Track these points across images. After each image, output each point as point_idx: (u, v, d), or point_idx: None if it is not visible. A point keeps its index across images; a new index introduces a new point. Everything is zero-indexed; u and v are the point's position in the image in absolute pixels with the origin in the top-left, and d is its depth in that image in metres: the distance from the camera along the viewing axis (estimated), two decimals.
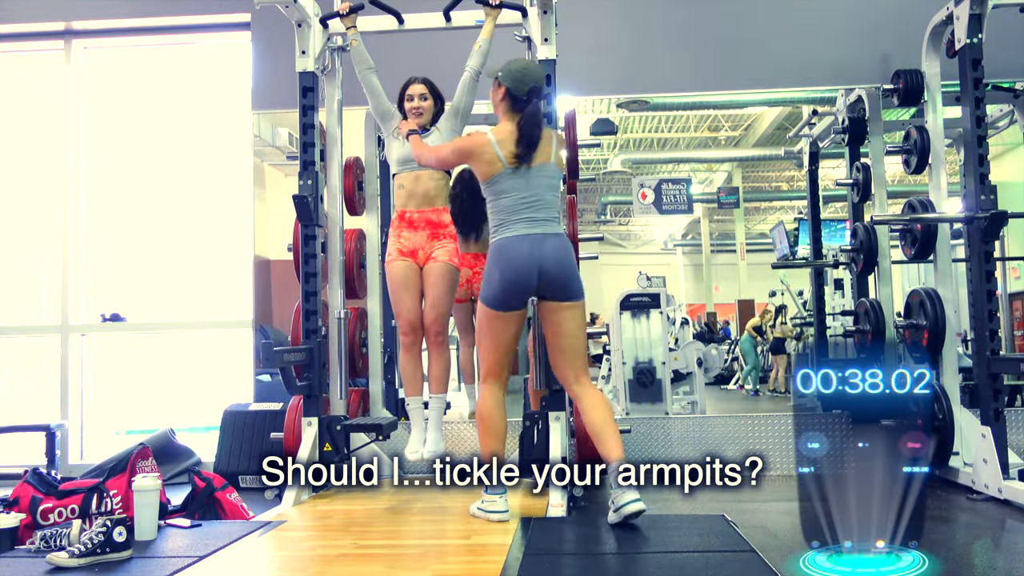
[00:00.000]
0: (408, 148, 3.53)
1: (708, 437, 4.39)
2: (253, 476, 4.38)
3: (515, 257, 2.83)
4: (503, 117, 2.95)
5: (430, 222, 3.51)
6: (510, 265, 2.83)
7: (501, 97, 2.93)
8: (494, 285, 2.85)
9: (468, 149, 2.94)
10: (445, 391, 3.54)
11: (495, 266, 2.86)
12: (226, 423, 4.57)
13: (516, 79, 2.89)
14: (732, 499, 3.78)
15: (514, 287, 2.83)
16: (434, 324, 3.47)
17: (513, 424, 4.26)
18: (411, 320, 3.48)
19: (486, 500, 2.93)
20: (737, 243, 12.76)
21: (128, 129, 5.78)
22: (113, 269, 5.64)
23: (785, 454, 4.33)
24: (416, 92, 3.57)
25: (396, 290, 3.50)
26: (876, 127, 5.06)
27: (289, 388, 3.72)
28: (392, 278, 3.52)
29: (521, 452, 3.60)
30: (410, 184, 3.51)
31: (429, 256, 3.49)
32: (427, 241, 3.50)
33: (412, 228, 3.51)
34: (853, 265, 5.14)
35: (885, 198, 5.00)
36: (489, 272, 2.88)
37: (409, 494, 3.60)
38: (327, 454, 3.65)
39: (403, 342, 3.52)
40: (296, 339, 3.86)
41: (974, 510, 3.41)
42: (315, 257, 3.77)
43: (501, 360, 2.94)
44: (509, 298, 2.84)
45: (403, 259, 3.49)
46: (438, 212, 3.53)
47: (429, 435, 3.46)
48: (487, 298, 2.87)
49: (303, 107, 3.79)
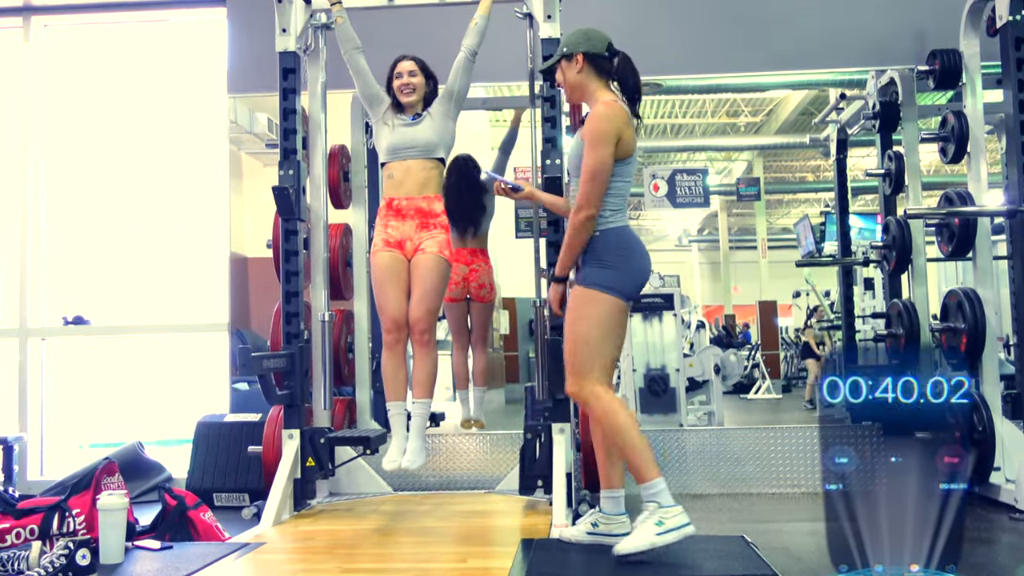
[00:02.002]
0: (398, 134, 3.54)
1: (726, 451, 4.39)
2: (229, 493, 4.39)
3: (642, 246, 2.83)
4: (594, 88, 2.83)
5: (420, 210, 3.51)
6: (642, 253, 2.82)
7: (579, 69, 2.83)
8: (632, 272, 2.77)
9: (618, 126, 2.74)
10: (430, 396, 3.52)
11: (629, 251, 2.78)
12: (200, 436, 4.57)
13: (588, 39, 2.82)
14: (752, 518, 3.79)
15: (646, 278, 2.84)
16: (420, 321, 3.46)
17: (512, 437, 4.28)
18: (395, 317, 3.47)
19: (668, 517, 2.64)
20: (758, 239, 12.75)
21: (92, 115, 5.78)
22: (76, 267, 5.63)
23: (810, 469, 4.34)
24: (405, 68, 3.59)
25: (380, 283, 3.50)
26: (910, 112, 5.06)
27: (268, 397, 3.72)
28: (376, 270, 3.52)
29: (522, 467, 3.61)
30: (400, 174, 3.53)
31: (418, 247, 3.50)
32: (416, 231, 3.51)
33: (400, 217, 3.51)
34: (885, 263, 5.14)
35: (920, 190, 5.00)
36: (622, 258, 2.76)
37: (400, 513, 3.61)
38: (310, 469, 3.66)
39: (386, 340, 3.50)
40: (276, 344, 3.87)
41: (1017, 530, 3.41)
42: (297, 254, 3.77)
43: (614, 361, 2.83)
44: (639, 290, 2.82)
45: (389, 250, 3.50)
46: (429, 200, 3.53)
47: (410, 444, 3.44)
48: (621, 287, 2.74)
49: (284, 90, 3.79)
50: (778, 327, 10.91)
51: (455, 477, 4.38)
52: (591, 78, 2.84)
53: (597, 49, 2.82)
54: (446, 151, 3.64)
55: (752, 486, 4.36)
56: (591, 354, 2.74)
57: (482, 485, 4.28)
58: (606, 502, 2.87)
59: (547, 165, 3.61)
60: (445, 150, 3.63)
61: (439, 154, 3.58)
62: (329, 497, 3.98)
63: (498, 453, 4.39)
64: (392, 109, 3.61)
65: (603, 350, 2.75)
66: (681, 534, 2.61)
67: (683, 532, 2.62)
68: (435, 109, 3.59)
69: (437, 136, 3.56)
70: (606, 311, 2.74)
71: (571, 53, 2.84)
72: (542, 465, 3.52)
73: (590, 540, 2.82)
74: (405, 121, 3.57)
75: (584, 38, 2.84)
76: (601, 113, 2.75)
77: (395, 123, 3.58)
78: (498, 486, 4.07)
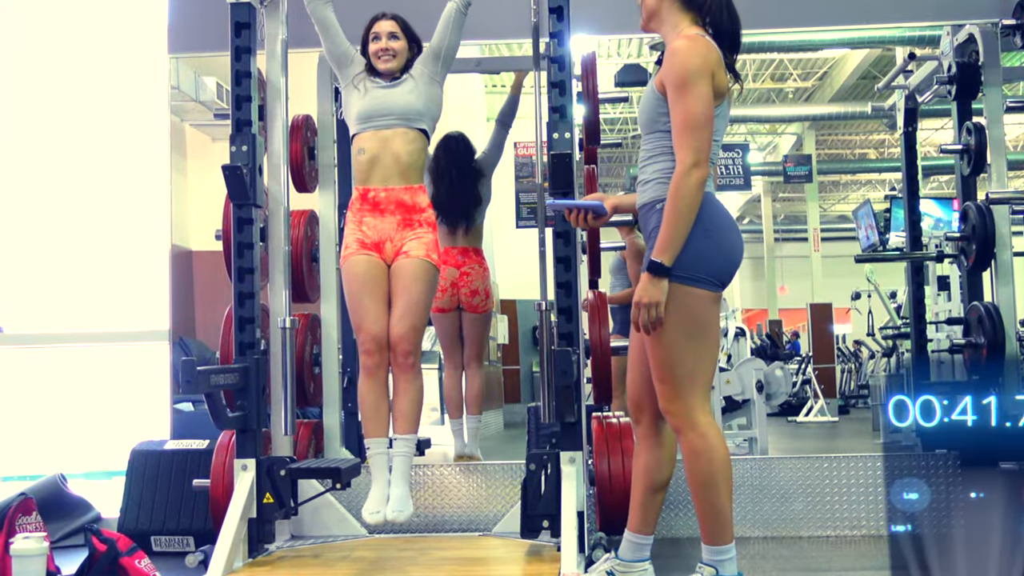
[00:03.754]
0: (371, 98, 3.52)
1: (771, 485, 4.39)
2: (170, 536, 4.39)
3: (730, 218, 2.72)
4: (676, 20, 2.71)
5: (402, 204, 3.51)
6: (730, 226, 2.70)
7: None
8: (716, 253, 2.63)
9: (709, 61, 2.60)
10: (415, 432, 3.52)
11: (718, 227, 2.64)
12: (135, 467, 4.57)
13: None
14: (804, 566, 3.80)
15: (739, 260, 2.70)
16: (403, 340, 3.44)
17: (512, 468, 4.28)
18: (376, 335, 3.45)
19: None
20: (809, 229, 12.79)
21: (3, 79, 5.78)
22: None
23: (873, 507, 4.34)
24: (384, 29, 3.59)
25: (355, 294, 3.49)
26: (993, 76, 5.06)
27: (217, 421, 3.71)
28: (351, 278, 3.51)
29: (524, 505, 3.61)
30: (374, 147, 3.51)
31: (399, 250, 3.49)
32: (397, 229, 3.50)
33: (378, 212, 3.51)
34: (963, 258, 5.15)
35: (1005, 169, 5.00)
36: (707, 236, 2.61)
37: (377, 560, 3.61)
38: (268, 507, 3.66)
39: (364, 365, 3.49)
40: (227, 356, 3.87)
41: None
42: (252, 247, 3.77)
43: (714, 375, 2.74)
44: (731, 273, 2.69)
45: (366, 253, 3.49)
46: (412, 192, 3.53)
47: (394, 491, 3.45)
48: (707, 272, 2.61)
49: (236, 49, 3.78)
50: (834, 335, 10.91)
51: (444, 517, 4.38)
52: (675, 7, 2.70)
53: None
54: (431, 122, 3.64)
55: (802, 527, 4.36)
56: (687, 368, 2.62)
57: (476, 526, 4.28)
58: (628, 546, 2.86)
59: (554, 140, 3.60)
60: (430, 121, 3.63)
61: (422, 124, 3.58)
62: (291, 540, 3.98)
63: (495, 488, 4.39)
64: (366, 71, 3.62)
65: (702, 361, 2.65)
66: None
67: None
68: (417, 71, 3.59)
69: (420, 102, 3.56)
70: (697, 307, 2.61)
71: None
72: (548, 502, 3.52)
73: None
74: (380, 84, 3.58)
75: None
76: (684, 47, 2.61)
77: (369, 87, 3.58)
78: (495, 527, 4.07)
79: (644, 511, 2.85)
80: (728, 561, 2.62)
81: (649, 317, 2.56)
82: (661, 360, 2.63)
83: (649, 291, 2.57)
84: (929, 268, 6.43)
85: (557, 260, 3.60)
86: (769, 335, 11.77)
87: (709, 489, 2.61)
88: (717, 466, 2.61)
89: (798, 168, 11.05)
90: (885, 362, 8.95)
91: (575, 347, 3.52)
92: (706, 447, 2.61)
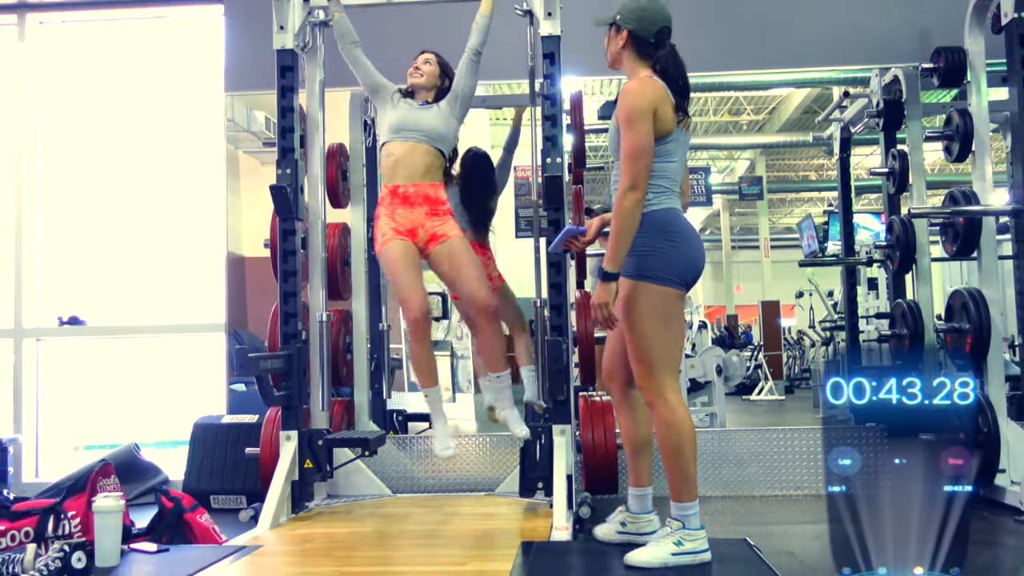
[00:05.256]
0: (403, 112, 3.52)
1: (729, 453, 4.39)
2: (226, 495, 4.39)
3: (693, 230, 2.71)
4: (632, 65, 2.73)
5: (428, 198, 3.50)
6: (695, 236, 2.70)
7: (622, 44, 2.73)
8: (683, 257, 2.63)
9: (652, 101, 2.61)
10: (508, 368, 3.59)
11: (678, 236, 2.64)
12: (196, 437, 4.57)
13: (640, 18, 2.70)
14: (756, 521, 3.79)
15: (700, 263, 2.69)
16: (489, 300, 3.47)
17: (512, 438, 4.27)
18: (421, 303, 3.38)
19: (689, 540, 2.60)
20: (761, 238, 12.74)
21: (88, 113, 5.78)
22: (72, 267, 5.63)
23: (814, 471, 4.34)
24: (422, 58, 3.65)
25: (397, 271, 3.42)
26: (914, 110, 5.05)
27: (266, 399, 3.71)
28: (391, 260, 3.44)
29: (522, 470, 3.60)
30: (401, 151, 3.51)
31: (433, 235, 3.47)
32: (426, 218, 3.49)
33: (408, 204, 3.48)
34: (888, 263, 5.14)
35: (924, 189, 4.99)
36: (669, 242, 2.62)
37: (399, 515, 3.61)
38: (308, 471, 3.66)
39: (414, 331, 3.41)
40: (273, 344, 3.87)
41: (1022, 533, 3.41)
42: (294, 254, 3.77)
43: (680, 359, 2.71)
44: (694, 276, 2.67)
45: (401, 238, 3.45)
46: (436, 187, 3.52)
47: (509, 414, 3.53)
48: (673, 274, 2.61)
49: (281, 88, 3.79)
50: (781, 327, 10.90)
51: (455, 479, 4.37)
52: (631, 56, 2.73)
53: (644, 33, 2.70)
54: (447, 147, 3.64)
55: (755, 488, 4.36)
56: (659, 355, 2.62)
57: (482, 487, 4.28)
58: (633, 500, 2.86)
59: (547, 164, 3.61)
60: (447, 146, 3.63)
61: (441, 145, 3.58)
62: (327, 499, 3.98)
63: (498, 455, 4.39)
64: (399, 94, 3.63)
65: (668, 347, 2.64)
66: (697, 559, 2.59)
67: (699, 558, 2.60)
68: (442, 106, 3.61)
69: (443, 127, 3.57)
70: (661, 302, 2.61)
71: (616, 23, 2.74)
72: (542, 467, 3.52)
73: (620, 539, 2.81)
74: (413, 105, 3.59)
75: (637, 16, 2.71)
76: (633, 88, 2.64)
77: (401, 104, 3.59)
78: (498, 488, 4.07)
79: (635, 469, 2.86)
80: (693, 516, 2.62)
81: (603, 314, 2.64)
82: (637, 345, 2.64)
83: (599, 294, 2.64)
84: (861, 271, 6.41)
85: (550, 265, 3.60)
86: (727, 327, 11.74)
87: (678, 455, 2.61)
88: (685, 436, 2.61)
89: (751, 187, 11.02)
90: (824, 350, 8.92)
91: (564, 337, 3.52)
92: (675, 419, 2.61)
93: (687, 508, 2.62)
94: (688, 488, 2.62)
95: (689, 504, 2.62)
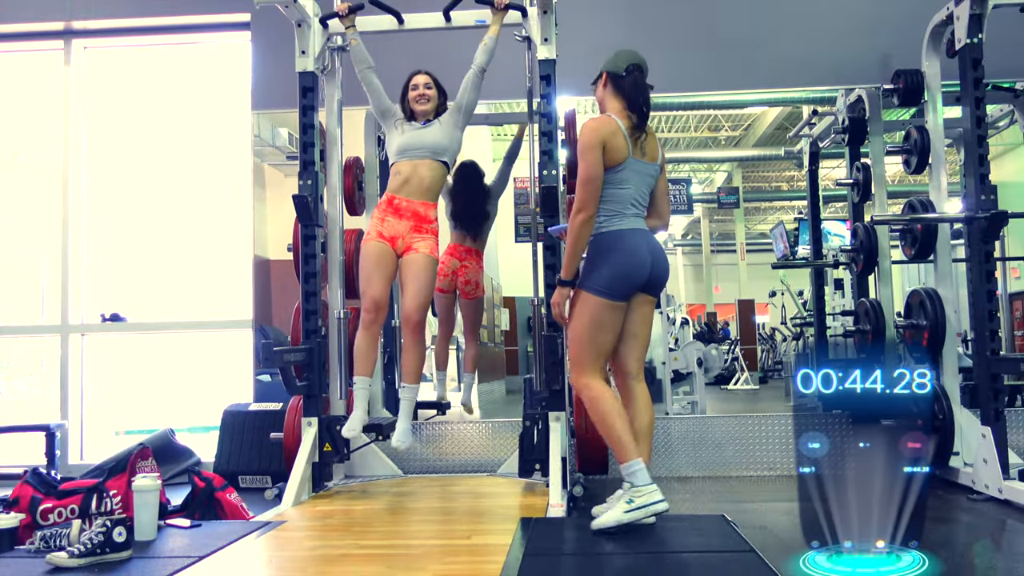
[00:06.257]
0: (408, 135, 3.54)
1: (708, 437, 4.39)
2: (253, 476, 4.39)
3: (637, 248, 2.76)
4: (610, 102, 2.86)
5: (416, 214, 3.51)
6: (634, 254, 2.76)
7: (603, 84, 2.88)
8: (615, 273, 2.74)
9: (601, 136, 2.73)
10: (419, 383, 3.54)
11: (616, 254, 2.75)
12: (226, 423, 4.57)
13: (613, 59, 2.87)
14: (732, 499, 3.79)
15: (636, 277, 2.76)
16: (415, 313, 3.44)
17: (512, 424, 4.28)
18: (377, 298, 3.44)
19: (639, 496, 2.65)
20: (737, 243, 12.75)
21: (128, 129, 5.78)
22: (113, 269, 5.63)
23: (785, 454, 4.33)
24: (421, 81, 3.63)
25: (368, 267, 3.47)
26: (876, 127, 5.05)
27: (289, 388, 3.72)
28: (366, 255, 3.49)
29: (521, 452, 3.60)
30: (407, 170, 3.52)
31: (409, 247, 3.48)
32: (409, 231, 3.50)
33: (397, 215, 3.50)
34: (853, 265, 5.14)
35: (885, 198, 4.99)
36: (606, 260, 2.75)
37: (409, 494, 3.61)
38: (327, 454, 3.66)
39: (364, 320, 3.46)
40: (296, 339, 3.86)
41: (974, 510, 3.41)
42: (315, 257, 3.77)
43: (604, 354, 2.80)
44: (628, 288, 2.76)
45: (380, 241, 3.49)
46: (426, 206, 3.53)
47: (399, 425, 3.44)
48: (604, 287, 2.73)
49: (303, 107, 3.79)
50: (755, 324, 10.91)
51: (460, 461, 4.38)
52: (609, 95, 2.87)
53: (616, 69, 2.85)
54: (451, 157, 3.65)
55: (732, 469, 4.36)
56: (582, 349, 2.78)
57: (485, 468, 4.28)
58: None
59: (544, 176, 3.61)
60: (451, 155, 3.63)
61: (445, 157, 3.58)
62: (344, 479, 3.98)
63: (499, 439, 4.39)
64: (404, 117, 3.63)
65: (592, 345, 2.78)
66: (649, 511, 2.64)
67: (652, 509, 2.64)
68: (445, 118, 3.61)
69: (446, 140, 3.57)
70: (591, 309, 2.75)
71: (600, 72, 2.90)
72: (540, 450, 3.52)
73: (631, 518, 2.64)
74: (416, 126, 3.60)
75: (612, 59, 2.87)
76: (587, 126, 2.78)
77: (406, 128, 3.60)
78: (499, 469, 4.07)
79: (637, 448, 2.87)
80: (637, 472, 2.67)
81: (556, 312, 2.87)
82: (570, 338, 2.84)
83: (555, 297, 2.87)
84: (828, 273, 6.40)
85: (546, 267, 3.60)
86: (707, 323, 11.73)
87: (607, 424, 2.71)
88: (603, 405, 2.72)
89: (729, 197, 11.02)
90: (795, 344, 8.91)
91: (559, 333, 3.52)
92: (596, 395, 2.73)
93: (630, 467, 2.67)
94: (622, 449, 2.69)
95: (628, 463, 2.67)
